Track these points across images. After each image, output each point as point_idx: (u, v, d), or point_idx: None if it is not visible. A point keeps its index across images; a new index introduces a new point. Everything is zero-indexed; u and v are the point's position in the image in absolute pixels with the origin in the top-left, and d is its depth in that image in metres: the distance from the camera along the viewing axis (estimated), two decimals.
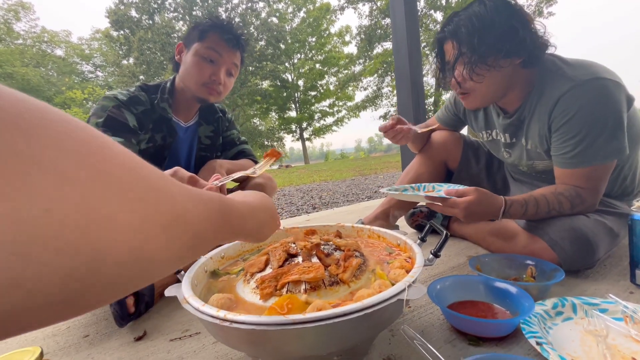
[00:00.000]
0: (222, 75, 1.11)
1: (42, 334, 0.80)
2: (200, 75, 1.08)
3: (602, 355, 0.53)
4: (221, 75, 1.10)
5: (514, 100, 0.94)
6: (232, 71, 1.15)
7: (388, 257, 0.66)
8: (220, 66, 1.10)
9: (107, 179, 0.19)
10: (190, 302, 0.47)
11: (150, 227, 0.22)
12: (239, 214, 0.38)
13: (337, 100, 25.14)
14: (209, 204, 0.31)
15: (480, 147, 1.28)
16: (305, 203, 4.08)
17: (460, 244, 1.18)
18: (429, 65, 3.64)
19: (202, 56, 1.07)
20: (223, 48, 1.09)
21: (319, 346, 0.44)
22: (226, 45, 1.09)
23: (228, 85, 1.16)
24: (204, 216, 0.30)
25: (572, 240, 0.82)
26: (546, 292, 0.75)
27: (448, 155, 1.24)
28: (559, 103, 0.83)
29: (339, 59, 23.68)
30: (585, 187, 0.86)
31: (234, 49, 1.12)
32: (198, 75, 1.08)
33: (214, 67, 1.09)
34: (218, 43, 1.08)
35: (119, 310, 0.75)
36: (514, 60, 0.85)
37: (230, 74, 1.16)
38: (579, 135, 0.82)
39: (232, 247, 0.74)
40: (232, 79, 1.17)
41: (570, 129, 0.83)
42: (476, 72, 0.85)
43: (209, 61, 1.08)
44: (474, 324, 0.62)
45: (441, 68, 0.95)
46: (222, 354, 0.64)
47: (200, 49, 1.07)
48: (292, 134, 26.09)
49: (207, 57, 1.08)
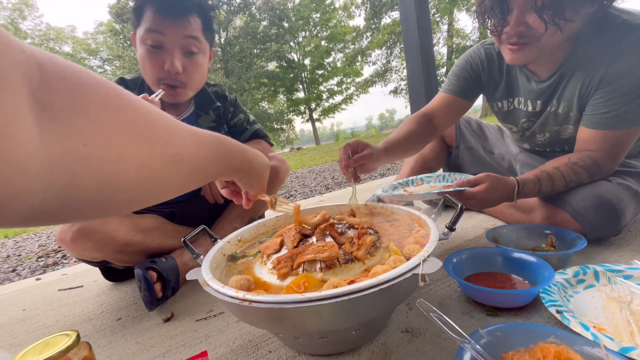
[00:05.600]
0: (177, 60, 0.87)
1: (79, 319, 0.86)
2: (152, 70, 0.88)
3: (625, 321, 0.52)
4: (175, 62, 0.87)
5: (552, 61, 0.86)
6: (190, 48, 0.89)
7: (409, 234, 0.65)
8: (170, 49, 0.86)
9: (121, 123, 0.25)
10: (211, 285, 0.49)
11: (155, 162, 0.29)
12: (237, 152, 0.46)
13: (345, 77, 24.50)
14: (208, 144, 0.38)
15: (471, 120, 1.27)
16: (318, 184, 4.09)
17: (477, 217, 1.16)
18: (440, 33, 3.43)
19: (146, 44, 0.86)
20: (163, 24, 0.84)
21: (336, 322, 0.45)
22: (166, 19, 0.84)
23: (192, 69, 0.91)
24: (202, 154, 0.36)
25: (595, 209, 0.79)
26: (567, 261, 0.73)
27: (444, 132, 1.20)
28: (620, 54, 0.76)
29: (345, 33, 22.83)
30: (607, 152, 0.81)
31: (179, 18, 0.85)
32: (150, 70, 0.88)
33: (164, 53, 0.87)
34: (156, 20, 0.84)
35: (149, 296, 0.79)
36: (589, 9, 0.72)
37: (191, 52, 0.90)
38: (633, 94, 0.76)
39: (248, 230, 0.76)
40: (197, 57, 0.91)
41: (624, 85, 0.76)
42: (559, 17, 0.71)
43: (155, 48, 0.86)
44: (492, 295, 0.61)
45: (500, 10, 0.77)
46: (245, 331, 0.67)
47: (142, 36, 0.86)
48: (301, 115, 25.82)
49: (151, 43, 0.85)
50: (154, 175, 0.29)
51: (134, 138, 0.26)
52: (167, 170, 0.30)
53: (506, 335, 0.47)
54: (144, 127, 0.28)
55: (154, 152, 0.28)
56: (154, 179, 0.29)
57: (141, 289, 0.80)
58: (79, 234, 0.81)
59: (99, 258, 0.89)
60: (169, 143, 0.30)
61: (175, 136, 0.32)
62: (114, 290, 1.02)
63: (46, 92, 0.20)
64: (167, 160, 0.30)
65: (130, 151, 0.26)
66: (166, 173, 0.30)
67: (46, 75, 0.20)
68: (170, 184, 0.32)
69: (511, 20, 0.77)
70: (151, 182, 0.29)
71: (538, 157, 1.08)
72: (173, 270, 0.88)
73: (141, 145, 0.27)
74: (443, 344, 0.54)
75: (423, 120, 1.08)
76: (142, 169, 0.27)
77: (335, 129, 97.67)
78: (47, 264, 2.17)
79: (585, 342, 0.43)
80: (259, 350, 0.60)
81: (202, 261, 0.58)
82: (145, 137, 0.28)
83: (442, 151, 1.30)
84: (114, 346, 0.71)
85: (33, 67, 0.20)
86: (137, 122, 0.27)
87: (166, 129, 0.30)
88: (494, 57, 1.00)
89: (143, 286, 0.80)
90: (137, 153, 0.27)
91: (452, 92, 1.08)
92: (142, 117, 0.28)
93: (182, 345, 0.67)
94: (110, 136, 0.24)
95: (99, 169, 0.24)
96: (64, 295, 1.07)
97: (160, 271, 0.84)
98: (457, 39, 19.38)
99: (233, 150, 0.45)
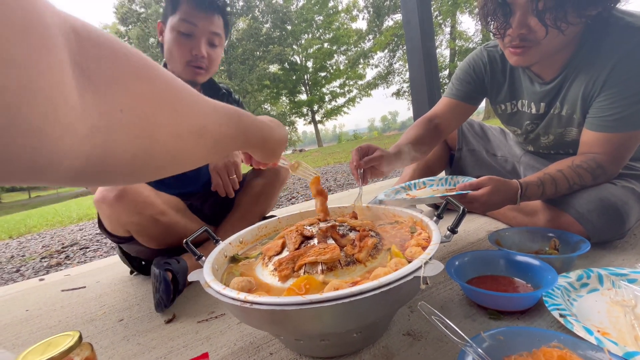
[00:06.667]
0: (203, 47, 1.02)
1: (82, 320, 0.87)
2: (181, 54, 1.01)
3: (630, 325, 0.52)
4: (202, 48, 1.01)
5: (556, 63, 0.85)
6: (214, 41, 1.05)
7: (411, 237, 0.65)
8: (199, 38, 1.01)
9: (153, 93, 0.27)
10: (212, 286, 0.49)
11: (183, 133, 0.30)
12: (256, 128, 0.47)
13: (347, 80, 24.56)
14: (230, 118, 0.39)
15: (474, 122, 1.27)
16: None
17: (479, 220, 1.16)
18: (442, 35, 3.44)
19: (177, 31, 0.99)
20: (196, 17, 0.99)
21: (337, 324, 0.45)
22: (199, 13, 0.99)
23: (214, 58, 1.06)
24: (224, 128, 0.38)
25: (600, 212, 0.79)
26: (570, 264, 0.72)
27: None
28: (625, 56, 0.76)
29: (348, 36, 22.91)
30: (611, 155, 0.81)
31: (209, 14, 1.01)
32: (178, 54, 1.01)
33: (192, 40, 1.01)
34: (190, 12, 0.99)
35: (165, 298, 0.80)
36: (591, 11, 0.72)
37: (213, 44, 1.05)
38: (637, 97, 0.75)
39: (249, 232, 0.76)
40: (218, 49, 1.07)
41: (629, 87, 0.76)
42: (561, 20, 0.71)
43: (186, 36, 1.00)
44: (494, 298, 0.61)
45: (503, 13, 0.78)
46: (247, 333, 0.67)
47: (175, 24, 0.99)
48: (303, 117, 25.89)
49: (183, 30, 0.99)
50: (182, 145, 0.30)
51: (164, 107, 0.28)
52: (193, 142, 0.32)
53: (509, 339, 0.46)
54: (174, 98, 0.29)
55: (182, 123, 0.30)
56: (181, 148, 0.31)
57: (158, 290, 0.80)
58: (123, 193, 0.85)
59: (134, 223, 0.90)
60: (195, 115, 0.32)
61: (200, 109, 0.33)
62: (116, 291, 1.03)
63: (83, 56, 0.21)
64: (194, 131, 0.32)
65: (161, 120, 0.27)
66: (192, 144, 0.32)
67: (82, 41, 0.21)
68: (195, 155, 0.34)
69: (513, 22, 0.77)
70: (179, 151, 0.30)
71: (542, 160, 1.08)
72: (184, 272, 0.89)
73: (171, 115, 0.28)
74: (445, 348, 0.54)
75: (429, 125, 1.08)
76: (172, 137, 0.29)
77: (337, 131, 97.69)
78: (51, 265, 2.19)
79: (588, 347, 0.43)
80: (260, 353, 0.60)
81: (204, 262, 0.58)
82: (175, 107, 0.29)
83: (445, 154, 1.30)
84: (116, 347, 0.71)
85: (70, 32, 0.20)
86: (166, 92, 0.28)
87: (192, 101, 0.32)
88: (497, 60, 1.00)
89: (162, 287, 0.80)
90: (168, 122, 0.28)
91: (456, 96, 1.07)
92: (171, 89, 0.29)
93: (184, 346, 0.67)
94: (144, 104, 0.25)
95: (134, 135, 0.25)
96: (66, 295, 1.07)
97: (174, 272, 0.85)
98: (459, 41, 19.38)
99: (253, 126, 0.47)
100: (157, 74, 0.27)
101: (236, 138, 0.42)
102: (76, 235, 3.25)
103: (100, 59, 0.22)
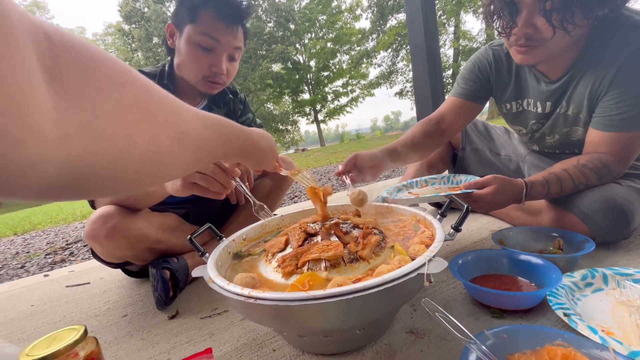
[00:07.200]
0: (224, 64, 0.96)
1: (86, 315, 0.87)
2: (198, 68, 0.94)
3: (635, 325, 0.52)
4: (222, 65, 0.95)
5: (562, 62, 0.85)
6: (234, 55, 0.99)
7: (414, 235, 0.65)
8: (220, 54, 0.94)
9: (129, 98, 0.26)
10: (216, 282, 0.49)
11: (162, 138, 0.29)
12: (240, 136, 0.48)
13: (350, 79, 24.49)
14: (212, 124, 0.39)
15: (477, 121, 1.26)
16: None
17: (483, 219, 1.15)
18: (446, 35, 3.42)
19: (197, 44, 0.92)
20: (221, 31, 0.91)
21: (340, 320, 0.45)
22: (224, 27, 0.91)
23: (232, 72, 1.02)
24: (206, 134, 0.37)
25: (605, 212, 0.78)
26: (574, 264, 0.72)
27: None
28: (632, 55, 0.75)
29: (351, 35, 22.86)
30: (617, 155, 0.80)
31: (234, 28, 0.93)
32: (196, 68, 0.94)
33: (213, 56, 0.94)
34: (214, 26, 0.90)
35: (164, 296, 0.80)
36: (599, 12, 0.72)
37: (233, 59, 1.00)
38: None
39: (253, 229, 0.76)
40: (236, 62, 1.03)
41: (636, 87, 0.76)
42: (568, 21, 0.71)
43: (206, 50, 0.93)
44: (497, 297, 0.61)
45: (509, 11, 0.77)
46: (250, 329, 0.67)
47: (193, 35, 0.91)
48: (306, 116, 25.86)
49: (204, 45, 0.92)
50: (162, 151, 0.30)
51: (141, 113, 0.27)
52: (173, 148, 0.31)
53: (512, 337, 0.46)
54: (151, 103, 0.28)
55: (161, 129, 0.29)
56: (161, 155, 0.30)
57: (157, 288, 0.81)
58: (114, 231, 0.80)
59: (128, 256, 0.87)
60: (175, 121, 0.31)
61: (180, 115, 0.33)
62: (120, 288, 1.03)
63: (55, 62, 0.20)
64: (174, 137, 0.31)
65: (139, 126, 0.27)
66: (173, 150, 0.31)
67: (54, 46, 0.20)
68: (177, 162, 0.33)
69: (519, 21, 0.76)
70: (159, 157, 0.30)
71: (547, 159, 1.07)
72: (184, 270, 0.89)
73: (149, 121, 0.28)
74: (448, 345, 0.54)
75: (431, 124, 1.08)
76: (151, 144, 0.28)
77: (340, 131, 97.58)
78: (55, 261, 2.20)
79: (593, 345, 0.43)
80: (263, 349, 0.60)
81: (208, 259, 0.59)
82: (152, 112, 0.28)
83: (448, 153, 1.30)
84: (120, 342, 0.71)
85: (41, 37, 0.20)
86: (143, 97, 0.28)
87: (172, 107, 0.31)
88: (502, 59, 0.99)
89: (160, 286, 0.80)
90: (146, 128, 0.27)
91: (462, 95, 1.07)
92: (149, 94, 0.28)
93: (187, 342, 0.67)
94: (121, 109, 0.25)
95: (111, 141, 0.24)
96: (71, 291, 1.08)
97: (173, 271, 0.85)
98: (463, 41, 19.28)
99: (235, 132, 0.47)
100: (132, 79, 0.27)
101: (218, 143, 0.42)
102: (80, 232, 3.28)
103: (74, 63, 0.22)
